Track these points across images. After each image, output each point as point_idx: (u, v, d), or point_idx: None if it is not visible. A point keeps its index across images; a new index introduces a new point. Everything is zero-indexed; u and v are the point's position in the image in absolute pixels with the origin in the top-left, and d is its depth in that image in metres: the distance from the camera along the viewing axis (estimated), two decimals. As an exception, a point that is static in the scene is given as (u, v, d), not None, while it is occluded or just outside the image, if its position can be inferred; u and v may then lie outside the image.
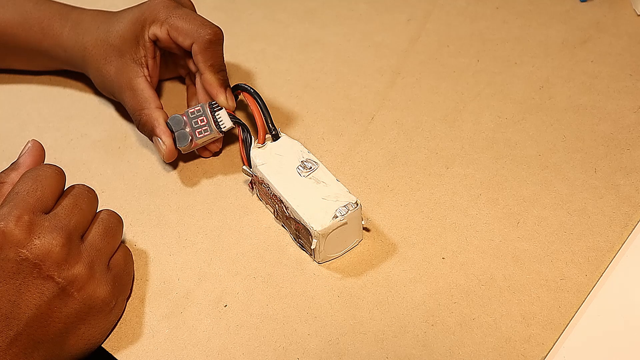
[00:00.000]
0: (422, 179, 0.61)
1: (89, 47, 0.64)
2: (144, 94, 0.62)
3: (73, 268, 0.49)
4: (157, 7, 0.62)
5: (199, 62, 0.61)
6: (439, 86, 0.69)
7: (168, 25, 0.61)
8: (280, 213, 0.58)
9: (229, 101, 0.61)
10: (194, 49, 0.61)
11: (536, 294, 0.53)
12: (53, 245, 0.48)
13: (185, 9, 0.62)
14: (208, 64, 0.61)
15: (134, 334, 0.53)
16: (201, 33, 0.60)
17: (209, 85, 0.61)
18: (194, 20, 0.61)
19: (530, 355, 0.50)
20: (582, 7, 0.75)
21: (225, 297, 0.55)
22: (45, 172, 0.51)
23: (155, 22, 0.61)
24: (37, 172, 0.51)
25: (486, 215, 0.58)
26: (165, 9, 0.62)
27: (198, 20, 0.61)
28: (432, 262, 0.56)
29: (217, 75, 0.61)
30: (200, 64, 0.61)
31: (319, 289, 0.55)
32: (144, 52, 0.62)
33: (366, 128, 0.66)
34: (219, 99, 0.61)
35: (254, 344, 0.52)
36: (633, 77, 0.68)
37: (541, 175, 0.61)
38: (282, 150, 0.59)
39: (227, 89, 0.61)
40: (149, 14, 0.62)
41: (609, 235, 0.56)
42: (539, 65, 0.70)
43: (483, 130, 0.65)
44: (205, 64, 0.61)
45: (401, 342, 0.52)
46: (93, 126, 0.68)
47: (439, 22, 0.75)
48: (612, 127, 0.64)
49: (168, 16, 0.61)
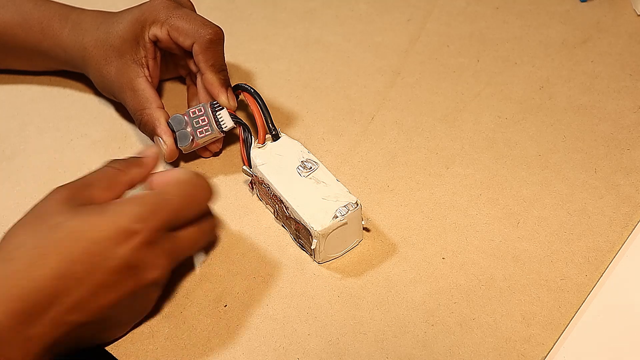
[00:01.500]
0: (422, 179, 0.61)
1: (89, 48, 0.64)
2: (144, 94, 0.62)
3: (160, 281, 0.51)
4: (157, 8, 0.62)
5: (200, 62, 0.61)
6: (439, 86, 0.69)
7: (168, 26, 0.61)
8: (280, 213, 0.58)
9: (230, 101, 0.61)
10: (194, 49, 0.60)
11: (536, 294, 0.53)
12: (160, 266, 0.50)
13: (185, 9, 0.62)
14: (209, 63, 0.61)
15: (134, 334, 0.53)
16: (202, 33, 0.60)
17: (210, 85, 0.61)
18: (194, 21, 0.61)
19: (530, 355, 0.50)
20: (582, 7, 0.75)
21: (225, 297, 0.55)
22: (201, 195, 0.52)
23: (155, 22, 0.61)
24: (194, 191, 0.52)
25: (486, 216, 0.58)
26: (165, 9, 0.62)
27: (198, 20, 0.61)
28: (432, 262, 0.56)
29: (219, 75, 0.61)
30: (201, 64, 0.61)
31: (319, 289, 0.55)
32: (144, 52, 0.62)
33: (366, 128, 0.66)
34: (220, 98, 0.61)
35: (254, 344, 0.52)
36: (633, 77, 0.68)
37: (541, 176, 0.61)
38: (282, 150, 0.59)
39: (229, 88, 0.61)
40: (149, 15, 0.62)
41: (609, 235, 0.56)
42: (539, 65, 0.70)
43: (483, 130, 0.65)
44: (207, 63, 0.61)
45: (401, 342, 0.52)
46: (93, 126, 0.68)
47: (439, 22, 0.75)
48: (612, 127, 0.64)
49: (168, 16, 0.61)
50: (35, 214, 0.48)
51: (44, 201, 0.49)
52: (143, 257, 0.48)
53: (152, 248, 0.49)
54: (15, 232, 0.48)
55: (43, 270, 0.45)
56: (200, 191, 0.52)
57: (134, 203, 0.49)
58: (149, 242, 0.48)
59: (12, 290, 0.45)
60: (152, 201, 0.49)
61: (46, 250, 0.46)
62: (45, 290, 0.45)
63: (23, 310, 0.45)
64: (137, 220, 0.48)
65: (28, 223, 0.48)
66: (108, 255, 0.47)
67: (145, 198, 0.49)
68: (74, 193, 0.49)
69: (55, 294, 0.46)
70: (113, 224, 0.47)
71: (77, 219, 0.47)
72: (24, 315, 0.45)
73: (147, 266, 0.49)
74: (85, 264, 0.46)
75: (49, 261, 0.45)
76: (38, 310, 0.45)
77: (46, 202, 0.49)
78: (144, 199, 0.49)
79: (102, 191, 0.50)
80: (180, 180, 0.51)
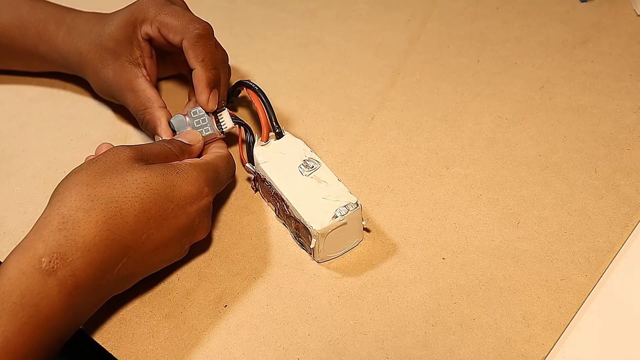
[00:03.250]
0: (422, 179, 0.61)
1: (84, 52, 0.64)
2: (145, 94, 0.62)
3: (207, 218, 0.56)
4: (146, 6, 0.61)
5: (190, 58, 0.60)
6: (439, 86, 0.69)
7: (158, 23, 0.60)
8: (281, 211, 0.58)
9: (210, 102, 0.60)
10: (184, 44, 0.60)
11: (536, 294, 0.53)
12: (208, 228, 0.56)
13: (175, 6, 0.62)
14: (199, 59, 0.60)
15: (134, 334, 0.53)
16: (190, 28, 0.59)
17: (197, 81, 0.60)
18: (183, 17, 0.60)
19: (531, 355, 0.50)
20: (582, 7, 0.75)
21: (225, 297, 0.55)
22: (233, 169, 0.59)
23: (145, 21, 0.61)
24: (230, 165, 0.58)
25: (486, 216, 0.58)
26: (154, 7, 0.61)
27: (187, 17, 0.60)
28: (432, 262, 0.56)
29: (208, 72, 0.60)
30: (192, 60, 0.60)
31: (319, 289, 0.55)
32: (139, 52, 0.62)
33: (366, 128, 0.66)
34: (201, 97, 0.60)
35: (254, 344, 0.52)
36: (633, 77, 0.68)
37: (541, 176, 0.61)
38: (285, 149, 0.59)
39: (214, 90, 0.61)
40: (139, 14, 0.61)
41: (609, 235, 0.56)
42: (539, 65, 0.70)
43: (483, 130, 0.65)
44: (197, 59, 0.60)
45: (401, 342, 0.52)
46: (93, 126, 0.68)
47: (439, 22, 0.75)
48: (612, 127, 0.64)
49: (157, 14, 0.60)
50: (106, 166, 0.50)
51: (110, 155, 0.51)
52: (203, 217, 0.54)
53: (209, 211, 0.55)
54: (88, 180, 0.49)
55: (121, 224, 0.48)
56: (233, 166, 0.59)
57: (201, 168, 0.54)
58: (209, 204, 0.54)
59: (93, 240, 0.47)
60: (212, 169, 0.55)
61: (124, 205, 0.48)
62: (121, 243, 0.48)
63: (102, 261, 0.48)
64: (207, 183, 0.54)
65: (100, 174, 0.50)
66: (179, 213, 0.51)
67: (207, 165, 0.55)
68: (140, 154, 0.52)
69: (128, 247, 0.49)
70: (188, 184, 0.52)
71: (153, 176, 0.50)
72: (102, 266, 0.48)
73: (202, 227, 0.54)
74: (159, 219, 0.50)
75: (127, 216, 0.48)
76: (112, 262, 0.49)
77: (115, 157, 0.51)
78: (207, 165, 0.55)
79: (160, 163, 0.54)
80: (222, 155, 0.58)
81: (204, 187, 0.53)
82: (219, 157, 0.57)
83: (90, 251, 0.47)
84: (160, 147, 0.55)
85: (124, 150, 0.52)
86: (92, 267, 0.47)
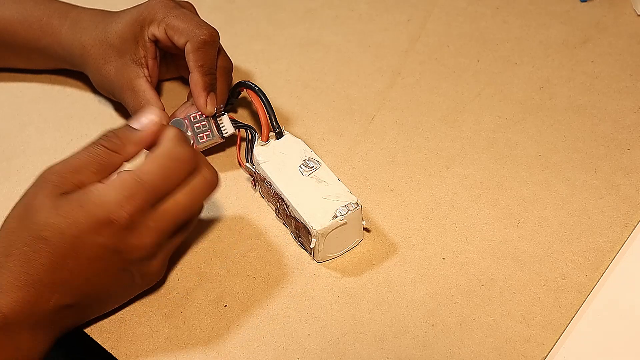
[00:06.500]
0: (422, 179, 0.61)
1: (87, 47, 0.64)
2: (145, 95, 0.62)
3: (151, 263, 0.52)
4: (155, 7, 0.62)
5: (190, 62, 0.60)
6: (439, 86, 0.69)
7: (165, 24, 0.61)
8: (281, 211, 0.58)
9: (208, 106, 0.60)
10: (187, 47, 0.60)
11: (536, 294, 0.53)
12: (144, 245, 0.50)
13: (184, 9, 0.62)
14: (198, 64, 0.60)
15: (134, 334, 0.53)
16: (196, 33, 0.60)
17: (194, 85, 0.60)
18: (191, 21, 0.61)
19: (531, 355, 0.50)
20: (582, 7, 0.75)
21: (225, 297, 0.55)
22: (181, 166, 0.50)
23: (153, 21, 0.61)
24: (173, 164, 0.50)
25: (486, 216, 0.58)
26: (163, 8, 0.61)
27: (195, 21, 0.61)
28: (432, 262, 0.56)
29: (205, 77, 0.60)
30: (191, 63, 0.60)
31: (319, 289, 0.55)
32: (144, 52, 0.62)
33: (366, 128, 0.66)
34: (198, 101, 0.60)
35: (254, 344, 0.52)
36: (633, 77, 0.68)
37: (541, 176, 0.61)
38: (285, 149, 0.59)
39: (211, 93, 0.61)
40: (147, 14, 0.62)
41: (609, 235, 0.56)
42: (539, 65, 0.70)
43: (483, 130, 0.65)
44: (196, 63, 0.60)
45: (401, 342, 0.52)
46: (93, 126, 0.68)
47: (439, 22, 0.75)
48: (612, 127, 0.64)
49: (165, 15, 0.61)
50: (24, 207, 0.50)
51: (33, 191, 0.50)
52: (124, 240, 0.49)
53: (133, 230, 0.49)
54: (10, 226, 0.50)
55: (38, 266, 0.48)
56: (179, 163, 0.50)
57: (111, 188, 0.48)
58: (127, 226, 0.48)
59: (15, 282, 0.48)
60: (128, 185, 0.48)
61: (37, 247, 0.48)
62: (44, 281, 0.48)
63: (28, 299, 0.48)
64: (114, 208, 0.48)
65: (19, 217, 0.50)
66: (90, 247, 0.49)
67: (122, 182, 0.49)
68: (61, 181, 0.50)
69: (53, 283, 0.48)
70: (91, 216, 0.48)
71: (60, 216, 0.48)
72: (29, 304, 0.48)
73: (131, 248, 0.49)
74: (73, 257, 0.48)
75: (42, 257, 0.48)
76: (42, 299, 0.48)
77: (35, 194, 0.50)
78: (121, 183, 0.49)
79: (91, 175, 0.50)
80: (158, 155, 0.50)
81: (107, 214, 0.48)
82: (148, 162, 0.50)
83: (17, 290, 0.47)
84: (91, 153, 0.50)
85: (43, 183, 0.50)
86: (20, 305, 0.47)
